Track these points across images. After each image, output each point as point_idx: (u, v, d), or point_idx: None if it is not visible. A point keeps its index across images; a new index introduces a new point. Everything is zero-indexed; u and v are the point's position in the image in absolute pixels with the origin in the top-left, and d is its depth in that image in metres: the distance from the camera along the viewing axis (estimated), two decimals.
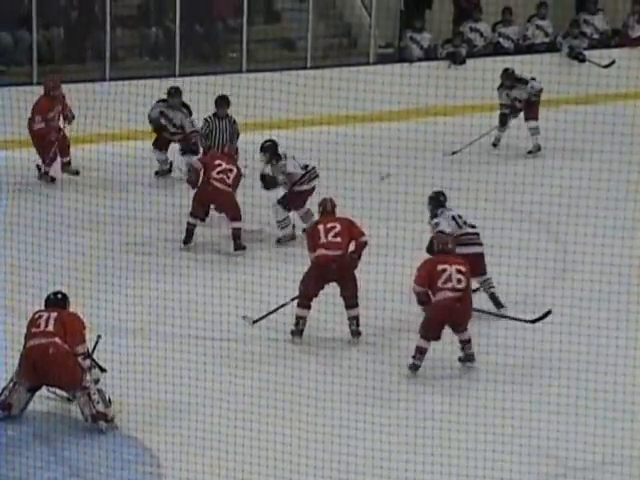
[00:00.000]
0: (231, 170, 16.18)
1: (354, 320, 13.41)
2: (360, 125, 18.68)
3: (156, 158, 18.71)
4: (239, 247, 15.91)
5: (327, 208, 14.10)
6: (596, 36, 22.14)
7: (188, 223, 16.08)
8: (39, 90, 18.11)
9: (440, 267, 12.78)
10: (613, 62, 20.58)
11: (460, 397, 12.11)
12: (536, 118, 20.05)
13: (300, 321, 13.37)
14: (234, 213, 15.90)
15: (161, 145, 18.64)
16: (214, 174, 16.07)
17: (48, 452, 10.99)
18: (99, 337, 11.60)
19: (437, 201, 14.61)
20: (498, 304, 14.06)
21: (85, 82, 18.64)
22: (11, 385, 11.28)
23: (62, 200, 16.65)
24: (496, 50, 21.76)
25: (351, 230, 13.50)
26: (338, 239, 13.26)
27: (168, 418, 11.70)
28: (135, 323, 13.10)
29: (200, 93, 17.25)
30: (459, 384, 12.59)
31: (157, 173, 18.72)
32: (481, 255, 14.00)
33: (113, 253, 14.83)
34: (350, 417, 11.32)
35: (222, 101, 17.61)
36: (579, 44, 21.64)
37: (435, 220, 14.18)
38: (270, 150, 16.41)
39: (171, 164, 18.74)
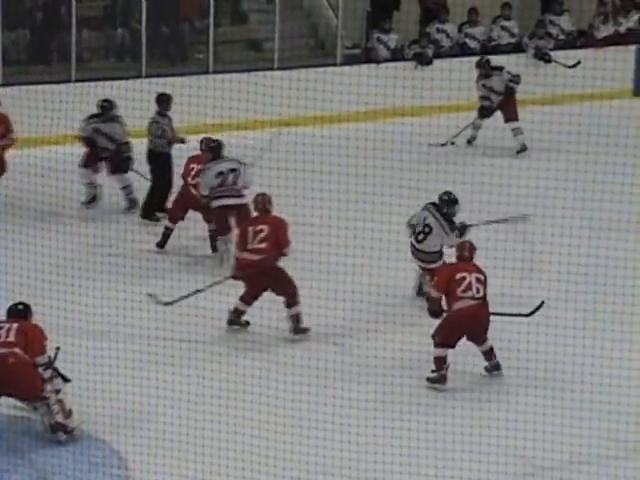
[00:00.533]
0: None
1: (293, 318, 13.36)
2: (327, 126, 18.71)
3: (85, 182, 17.69)
4: (216, 249, 15.70)
5: (258, 206, 13.87)
6: (562, 37, 22.24)
7: (165, 227, 16.00)
8: (4, 91, 18.04)
9: (459, 275, 12.57)
10: (579, 62, 20.64)
11: (428, 397, 12.14)
12: (516, 119, 20.10)
13: (235, 313, 13.48)
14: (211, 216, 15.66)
15: (93, 164, 17.69)
16: (189, 179, 15.94)
17: (15, 455, 10.96)
18: (58, 348, 11.43)
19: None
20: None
21: (51, 84, 18.56)
22: None
23: (27, 202, 16.63)
24: (462, 51, 21.85)
25: (278, 236, 13.39)
26: (262, 245, 13.18)
27: (136, 420, 11.67)
28: (102, 325, 13.10)
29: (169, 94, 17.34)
30: (427, 384, 12.62)
31: (87, 202, 17.73)
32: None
33: (80, 255, 14.79)
34: (318, 418, 11.32)
35: (167, 98, 17.35)
36: (545, 45, 21.72)
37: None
38: (214, 151, 15.89)
39: (100, 188, 17.88)
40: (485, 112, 20.02)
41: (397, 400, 11.99)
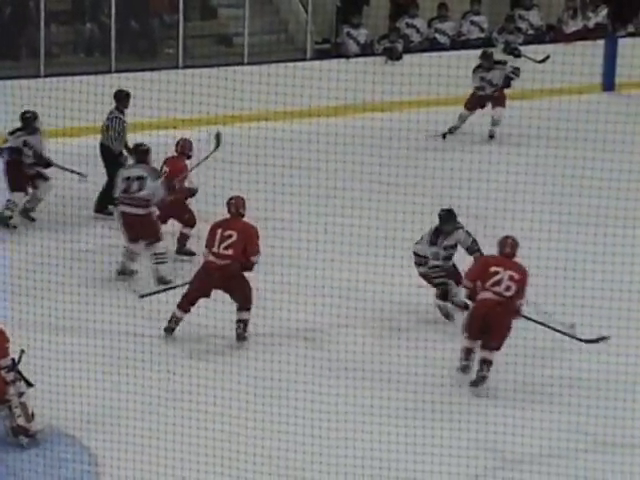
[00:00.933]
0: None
1: (241, 323, 13.15)
2: (297, 121, 18.64)
3: (13, 202, 16.80)
4: (181, 251, 15.54)
5: (231, 209, 13.51)
6: (531, 31, 22.27)
7: None
8: None
9: (493, 269, 12.46)
10: (548, 57, 20.71)
11: (398, 392, 12.14)
12: (503, 105, 20.11)
13: (173, 320, 13.17)
14: (184, 219, 15.51)
15: (23, 184, 16.88)
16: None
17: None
18: (22, 351, 11.33)
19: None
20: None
21: (19, 79, 18.49)
22: None
23: None
24: (432, 46, 21.85)
25: (246, 244, 13.07)
26: (229, 251, 12.91)
27: (106, 416, 11.66)
28: (72, 321, 13.07)
29: (137, 89, 17.28)
30: (397, 379, 12.60)
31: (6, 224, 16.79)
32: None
33: (49, 250, 14.72)
34: (289, 413, 11.35)
35: (126, 94, 17.25)
36: (514, 39, 21.76)
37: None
38: (137, 155, 15.43)
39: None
40: (476, 102, 19.97)
41: (368, 395, 11.99)
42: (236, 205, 13.41)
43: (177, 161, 15.79)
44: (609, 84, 21.94)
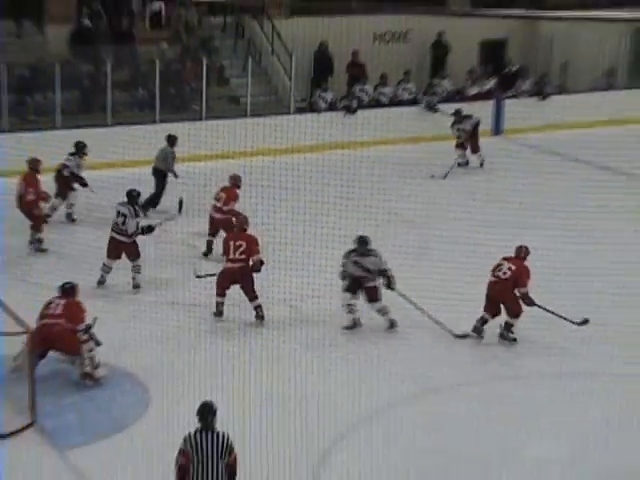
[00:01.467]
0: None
1: (258, 308, 12.44)
2: (284, 155, 18.60)
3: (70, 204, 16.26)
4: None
5: (238, 224, 13.09)
6: (444, 94, 22.20)
7: (208, 240, 14.86)
8: (63, 133, 17.83)
9: (500, 262, 12.04)
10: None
11: (349, 342, 11.96)
12: (478, 150, 19.86)
13: (218, 305, 12.48)
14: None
15: (63, 192, 16.17)
16: (217, 203, 15.04)
17: (77, 389, 10.68)
18: (95, 318, 10.99)
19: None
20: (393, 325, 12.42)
21: (94, 127, 18.39)
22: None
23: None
24: (377, 104, 21.73)
25: (251, 248, 12.39)
26: (243, 256, 12.32)
27: (155, 364, 11.25)
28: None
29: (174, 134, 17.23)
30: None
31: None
32: (374, 287, 12.36)
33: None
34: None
35: (174, 137, 16.85)
36: (433, 99, 21.66)
37: (342, 261, 12.63)
38: (128, 197, 13.68)
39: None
40: (460, 146, 19.73)
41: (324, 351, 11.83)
42: (241, 222, 13.00)
43: (231, 190, 15.11)
44: (497, 130, 21.91)
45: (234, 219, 14.02)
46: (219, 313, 12.50)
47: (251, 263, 12.35)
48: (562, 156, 19.86)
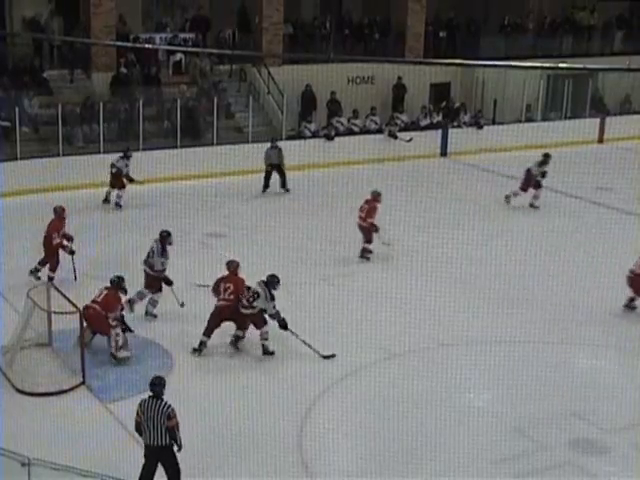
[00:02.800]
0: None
1: (237, 338, 10.77)
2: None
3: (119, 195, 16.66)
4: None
5: (230, 268, 10.94)
6: (403, 125, 22.13)
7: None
8: (105, 157, 17.74)
9: None
10: (411, 139, 20.75)
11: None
12: None
13: (202, 345, 10.67)
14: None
15: (116, 185, 16.66)
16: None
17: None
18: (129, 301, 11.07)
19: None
20: (268, 353, 10.65)
21: (129, 151, 18.23)
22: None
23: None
24: (350, 133, 21.66)
25: (238, 289, 10.69)
26: (231, 297, 10.65)
27: (182, 331, 11.13)
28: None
29: (191, 156, 17.18)
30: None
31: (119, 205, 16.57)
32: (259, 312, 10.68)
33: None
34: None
35: None
36: (394, 129, 21.57)
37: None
38: (162, 238, 11.75)
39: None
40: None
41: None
42: (233, 266, 10.95)
43: (371, 204, 14.00)
44: (444, 153, 21.92)
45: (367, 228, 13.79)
46: (199, 351, 10.65)
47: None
48: (493, 172, 19.92)
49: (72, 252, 12.58)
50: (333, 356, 10.56)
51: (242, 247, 13.31)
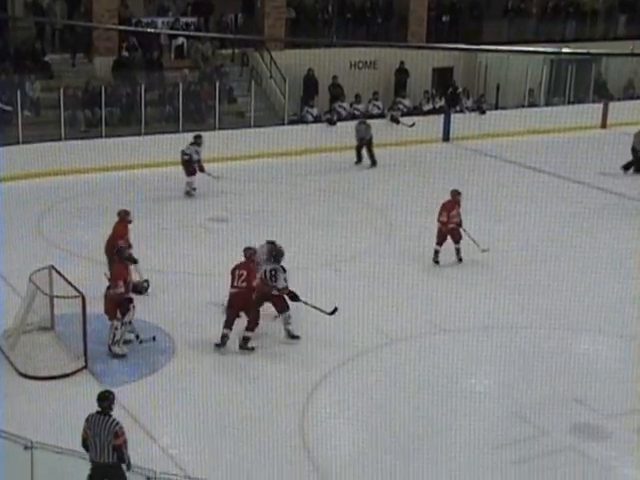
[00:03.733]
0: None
1: (245, 338, 10.34)
2: (278, 158, 18.59)
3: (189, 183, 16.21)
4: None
5: (245, 255, 10.61)
6: (405, 109, 22.00)
7: None
8: (107, 141, 17.72)
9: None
10: (413, 124, 20.66)
11: None
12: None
13: (224, 338, 10.34)
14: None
15: (189, 172, 16.28)
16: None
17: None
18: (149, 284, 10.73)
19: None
20: (293, 336, 10.60)
21: (129, 136, 18.23)
22: None
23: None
24: (352, 117, 21.53)
25: (251, 277, 10.38)
26: (244, 284, 10.33)
27: (184, 317, 11.08)
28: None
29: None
30: None
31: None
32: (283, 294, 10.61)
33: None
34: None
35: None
36: (396, 114, 21.47)
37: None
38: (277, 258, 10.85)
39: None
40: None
41: None
42: (250, 254, 10.61)
43: (451, 205, 13.08)
44: (446, 138, 21.85)
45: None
46: (223, 344, 10.37)
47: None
48: (496, 157, 19.86)
49: (135, 261, 11.23)
50: (336, 310, 10.49)
51: (244, 232, 13.23)
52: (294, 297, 10.65)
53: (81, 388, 9.28)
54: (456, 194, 13.21)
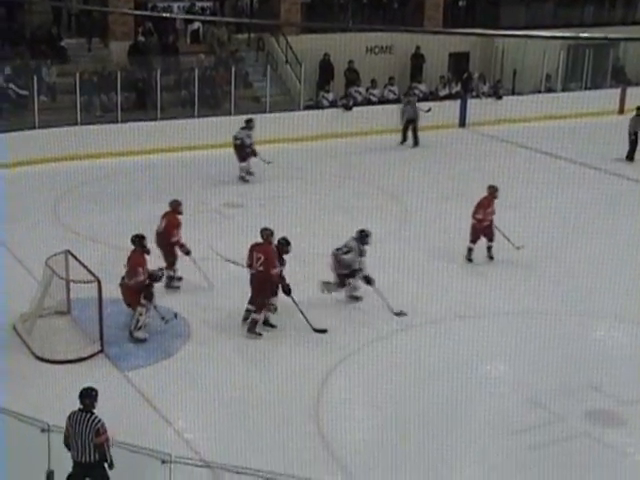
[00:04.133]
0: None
1: (253, 321, 10.34)
2: (294, 143, 18.55)
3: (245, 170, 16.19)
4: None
5: (263, 236, 10.47)
6: (421, 95, 21.82)
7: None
8: (123, 126, 17.77)
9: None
10: (429, 109, 20.49)
11: None
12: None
13: (248, 312, 10.44)
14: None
15: (242, 157, 16.22)
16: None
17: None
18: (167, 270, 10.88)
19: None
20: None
21: (146, 121, 18.27)
22: None
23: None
24: (368, 103, 21.45)
25: (269, 260, 10.27)
26: (261, 268, 10.22)
27: (198, 307, 11.10)
28: None
29: (210, 127, 17.11)
30: None
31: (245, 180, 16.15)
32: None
33: None
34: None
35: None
36: (412, 99, 21.31)
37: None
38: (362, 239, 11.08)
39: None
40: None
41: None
42: (267, 235, 10.46)
43: (488, 200, 12.58)
44: (462, 123, 21.71)
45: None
46: (246, 319, 10.47)
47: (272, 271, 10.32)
48: (512, 143, 19.73)
49: (188, 252, 11.25)
50: (324, 331, 10.31)
51: (259, 218, 13.20)
52: (288, 291, 10.50)
53: (97, 372, 9.33)
54: (493, 190, 12.63)
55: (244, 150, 16.19)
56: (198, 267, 11.37)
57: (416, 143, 19.44)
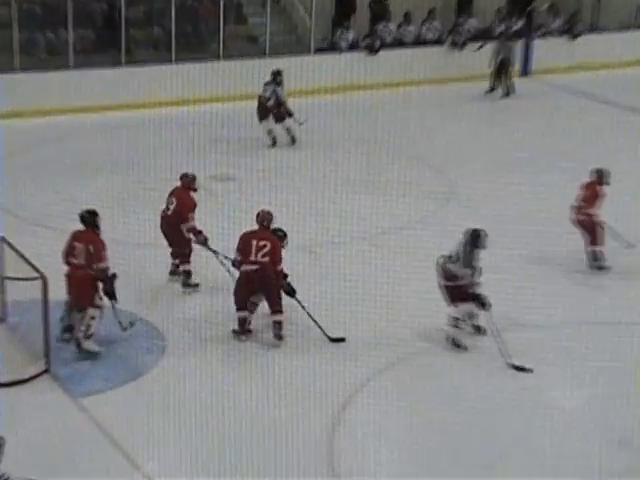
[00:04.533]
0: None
1: (277, 325, 10.61)
2: (305, 96, 18.53)
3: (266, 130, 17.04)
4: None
5: (260, 220, 10.72)
6: (471, 33, 21.79)
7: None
8: (73, 73, 17.83)
9: None
10: (482, 46, 20.50)
11: None
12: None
13: (241, 322, 10.65)
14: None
15: (262, 116, 17.06)
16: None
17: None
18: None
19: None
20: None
21: (107, 67, 18.39)
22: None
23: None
24: (400, 43, 21.50)
25: (274, 252, 10.52)
26: (266, 259, 10.45)
27: (175, 313, 11.16)
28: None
29: (190, 75, 17.12)
30: None
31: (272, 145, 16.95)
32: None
33: None
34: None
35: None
36: (458, 39, 21.36)
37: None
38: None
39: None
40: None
41: None
42: (267, 218, 10.73)
43: (590, 188, 12.47)
44: (525, 71, 21.71)
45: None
46: (244, 332, 10.68)
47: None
48: (592, 98, 19.68)
49: (205, 241, 11.40)
50: (342, 340, 10.53)
51: (256, 194, 13.25)
52: (292, 292, 10.68)
53: (41, 397, 9.36)
54: (601, 175, 12.49)
55: (269, 109, 16.69)
56: (220, 260, 11.38)
57: (507, 93, 20.01)
